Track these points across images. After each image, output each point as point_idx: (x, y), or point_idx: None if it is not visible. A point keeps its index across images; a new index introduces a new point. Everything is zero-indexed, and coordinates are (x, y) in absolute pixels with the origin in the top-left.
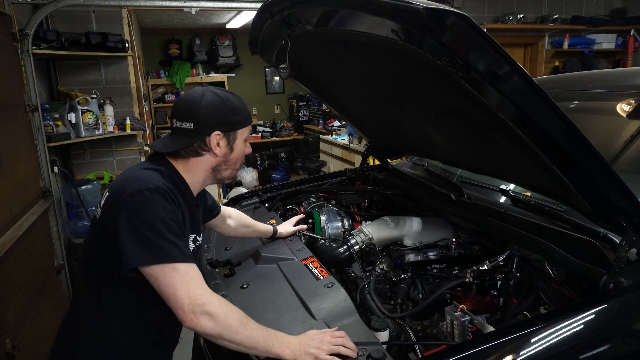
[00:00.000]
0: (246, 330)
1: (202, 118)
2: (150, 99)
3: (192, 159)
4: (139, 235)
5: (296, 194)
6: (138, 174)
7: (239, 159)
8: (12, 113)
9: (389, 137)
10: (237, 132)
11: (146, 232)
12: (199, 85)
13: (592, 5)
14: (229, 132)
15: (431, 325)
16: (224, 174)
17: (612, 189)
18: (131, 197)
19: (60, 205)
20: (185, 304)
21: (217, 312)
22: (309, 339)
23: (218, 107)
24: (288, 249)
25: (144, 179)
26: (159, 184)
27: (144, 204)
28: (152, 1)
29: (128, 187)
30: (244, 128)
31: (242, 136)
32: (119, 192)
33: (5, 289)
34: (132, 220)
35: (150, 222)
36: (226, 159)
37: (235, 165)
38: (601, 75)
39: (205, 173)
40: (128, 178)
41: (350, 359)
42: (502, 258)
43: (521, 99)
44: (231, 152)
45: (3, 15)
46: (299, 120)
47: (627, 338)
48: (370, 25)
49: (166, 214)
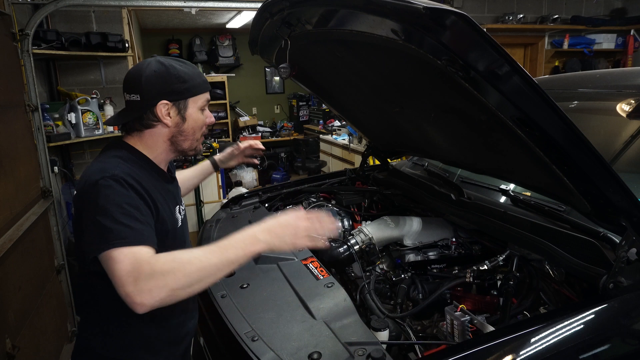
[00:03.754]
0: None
1: (146, 88)
2: None
3: (146, 131)
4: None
5: (296, 194)
6: (98, 166)
7: (195, 129)
8: (12, 113)
9: (389, 137)
10: (188, 101)
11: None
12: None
13: (592, 5)
14: (177, 100)
15: (431, 325)
16: (183, 145)
17: (612, 189)
18: (88, 189)
19: (61, 205)
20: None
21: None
22: (281, 226)
23: (162, 76)
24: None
25: (102, 169)
26: (114, 172)
27: (98, 193)
28: (152, 1)
29: (87, 181)
30: (195, 96)
31: (195, 104)
32: (80, 187)
33: (5, 289)
34: (89, 210)
35: (105, 210)
36: (180, 129)
37: (193, 136)
38: (601, 75)
39: (163, 145)
40: (88, 172)
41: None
42: (502, 258)
43: (521, 99)
44: (184, 121)
45: (3, 15)
46: (299, 120)
47: (627, 338)
48: (370, 25)
49: (121, 198)
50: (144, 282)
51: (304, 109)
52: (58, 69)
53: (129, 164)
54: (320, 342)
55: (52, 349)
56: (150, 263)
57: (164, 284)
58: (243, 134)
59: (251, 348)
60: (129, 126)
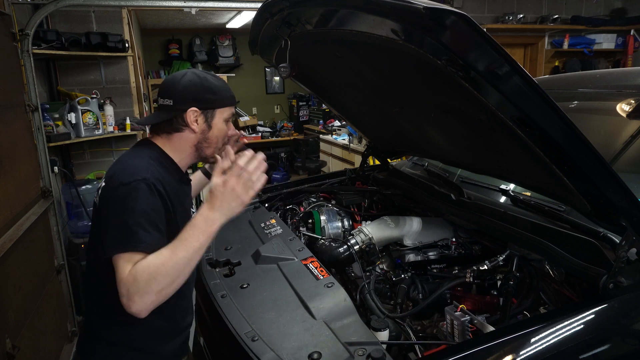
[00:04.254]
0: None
1: (179, 95)
2: (150, 99)
3: (175, 135)
4: (119, 223)
5: (296, 194)
6: (130, 164)
7: (219, 137)
8: (12, 113)
9: (389, 137)
10: (215, 111)
11: (129, 221)
12: None
13: (592, 5)
14: (206, 109)
15: (431, 325)
16: (206, 151)
17: (612, 189)
18: (120, 187)
19: (60, 205)
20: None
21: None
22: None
23: (195, 85)
24: (288, 249)
25: (134, 170)
26: (146, 175)
27: (129, 194)
28: (152, 1)
29: (119, 178)
30: (222, 108)
31: (221, 115)
32: (111, 182)
33: (5, 289)
34: (117, 209)
35: (131, 212)
36: (205, 136)
37: (217, 144)
38: (601, 75)
39: (189, 150)
40: (120, 169)
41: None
42: (502, 258)
43: (521, 99)
44: (209, 129)
45: (3, 15)
46: (299, 120)
47: (627, 338)
48: (370, 25)
49: (148, 204)
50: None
51: (304, 109)
52: (58, 69)
53: (159, 167)
54: (320, 342)
55: (52, 349)
56: (133, 276)
57: (150, 290)
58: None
59: (251, 348)
60: (158, 128)
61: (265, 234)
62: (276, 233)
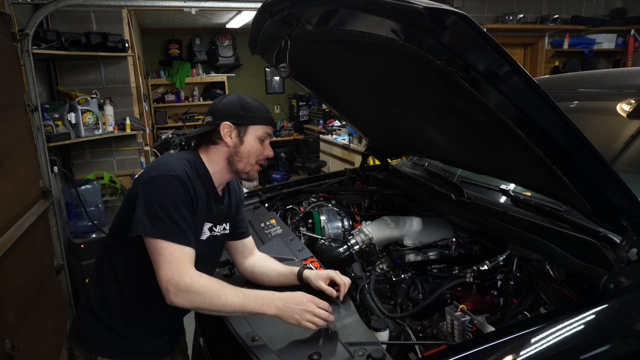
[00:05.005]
0: (221, 300)
1: (218, 111)
2: (150, 99)
3: (212, 147)
4: (151, 210)
5: (296, 194)
6: (169, 160)
7: (250, 153)
8: (12, 113)
9: (389, 137)
10: (249, 128)
11: (158, 209)
12: (198, 85)
13: (592, 5)
14: (239, 125)
15: (431, 325)
16: (238, 165)
17: (612, 189)
18: (156, 177)
19: (60, 205)
20: (163, 281)
21: (190, 289)
22: (295, 303)
23: (233, 103)
24: (288, 249)
25: (171, 166)
26: (180, 173)
27: (164, 185)
28: (152, 1)
29: (156, 169)
30: (256, 125)
31: (255, 132)
32: (148, 171)
33: (5, 289)
34: (150, 196)
35: (164, 203)
36: (237, 150)
37: (248, 160)
38: (601, 75)
39: (222, 163)
40: (159, 162)
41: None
42: (502, 258)
43: (521, 99)
44: (241, 144)
45: (3, 15)
46: (299, 120)
47: (627, 338)
48: (370, 25)
49: (179, 200)
50: (181, 291)
51: (304, 109)
52: (58, 69)
53: (194, 172)
54: (321, 343)
55: (51, 349)
56: (192, 279)
57: (194, 300)
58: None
59: (251, 348)
60: (200, 141)
61: (265, 234)
62: (276, 233)
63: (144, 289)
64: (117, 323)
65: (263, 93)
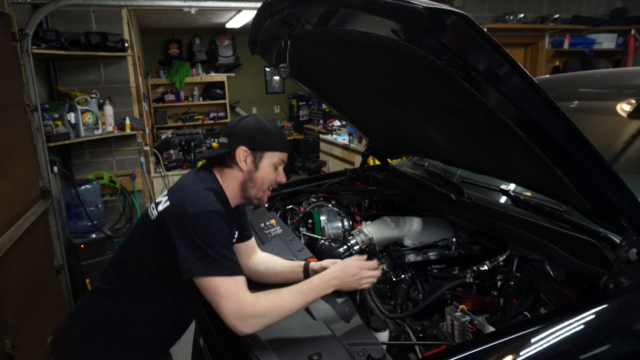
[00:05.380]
0: (285, 309)
1: (234, 134)
2: (150, 99)
3: (226, 170)
4: (198, 250)
5: (296, 194)
6: (196, 189)
7: (264, 179)
8: (12, 113)
9: (389, 137)
10: (265, 154)
11: (205, 248)
12: (198, 85)
13: (592, 5)
14: (255, 150)
15: (431, 325)
16: (251, 191)
17: (612, 189)
18: (194, 214)
19: (60, 205)
20: (228, 319)
21: (255, 315)
22: (348, 275)
23: (250, 127)
24: (288, 249)
25: (202, 199)
26: (217, 207)
27: (206, 222)
28: (152, 1)
29: (192, 206)
30: (272, 152)
31: (270, 159)
32: (183, 208)
33: (5, 289)
34: (193, 236)
35: (209, 241)
36: (251, 176)
37: (261, 186)
38: (601, 75)
39: (236, 187)
40: (187, 194)
41: None
42: (503, 258)
43: (521, 99)
44: (256, 170)
45: (3, 15)
46: (299, 120)
47: (627, 338)
48: (370, 25)
49: (222, 234)
50: (248, 320)
51: (304, 109)
52: (58, 69)
53: (219, 199)
54: (321, 343)
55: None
56: (252, 305)
57: (263, 322)
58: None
59: (251, 348)
60: (214, 161)
61: (265, 234)
62: (276, 233)
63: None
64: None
65: (263, 93)
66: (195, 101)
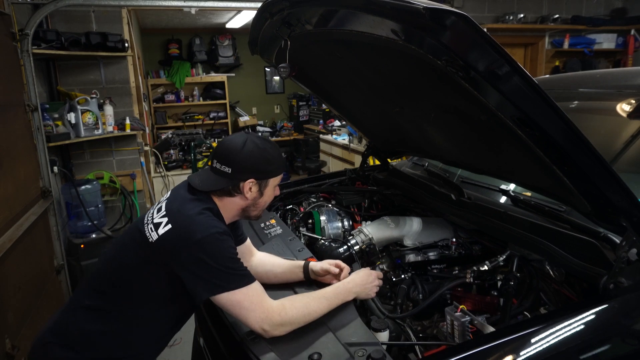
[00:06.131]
0: (312, 316)
1: (240, 165)
2: (150, 99)
3: (226, 198)
4: (213, 271)
5: (296, 194)
6: (203, 219)
7: (267, 202)
8: (12, 113)
9: (389, 137)
10: (269, 180)
11: (219, 267)
12: (198, 85)
13: (592, 5)
14: (261, 179)
15: (431, 325)
16: (251, 213)
17: (612, 189)
18: (204, 239)
19: (60, 205)
20: (256, 327)
21: (284, 323)
22: (365, 282)
23: (255, 157)
24: (288, 249)
25: (206, 222)
26: (222, 228)
27: (216, 244)
28: (152, 1)
29: (198, 231)
30: (276, 177)
31: (273, 184)
32: (188, 234)
33: (5, 289)
34: (206, 259)
35: (222, 260)
36: (255, 202)
37: (263, 207)
38: (601, 75)
39: (236, 212)
40: (195, 221)
41: None
42: (503, 258)
43: (521, 99)
44: (261, 196)
45: (3, 15)
46: (299, 120)
47: (628, 338)
48: (370, 25)
49: (231, 250)
50: (277, 327)
51: (304, 109)
52: (58, 69)
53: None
54: (321, 343)
55: None
56: (280, 314)
57: (290, 329)
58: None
59: (251, 348)
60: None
61: (265, 234)
62: (276, 233)
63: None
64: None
65: (263, 93)
66: (195, 101)
